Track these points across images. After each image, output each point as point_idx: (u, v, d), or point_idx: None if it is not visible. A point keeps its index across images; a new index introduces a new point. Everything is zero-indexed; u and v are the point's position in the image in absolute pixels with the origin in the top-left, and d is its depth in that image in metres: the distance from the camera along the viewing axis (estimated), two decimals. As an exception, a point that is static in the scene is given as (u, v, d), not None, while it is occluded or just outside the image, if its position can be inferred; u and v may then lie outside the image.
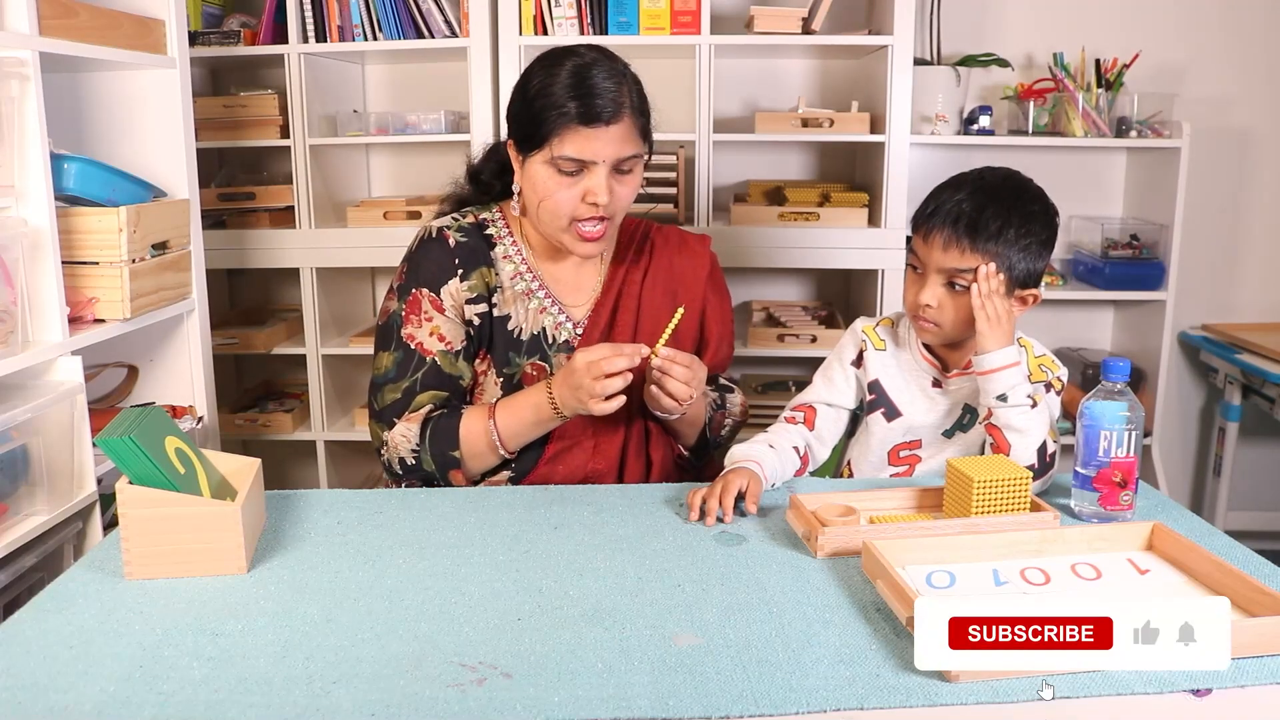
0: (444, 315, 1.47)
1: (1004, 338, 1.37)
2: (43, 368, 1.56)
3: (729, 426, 1.60)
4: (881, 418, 1.52)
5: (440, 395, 1.48)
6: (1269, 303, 2.92)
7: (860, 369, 1.54)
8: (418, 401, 1.47)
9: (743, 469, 1.36)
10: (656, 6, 2.39)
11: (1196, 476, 3.04)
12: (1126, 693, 0.89)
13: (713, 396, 1.57)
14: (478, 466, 1.47)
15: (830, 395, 1.54)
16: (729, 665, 0.93)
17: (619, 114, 1.38)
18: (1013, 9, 2.77)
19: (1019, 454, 1.36)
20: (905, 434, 1.51)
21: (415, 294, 1.48)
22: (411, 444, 1.44)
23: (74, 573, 1.15)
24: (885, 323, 1.55)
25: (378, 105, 2.81)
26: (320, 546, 1.22)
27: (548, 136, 1.38)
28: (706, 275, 1.58)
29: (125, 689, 0.90)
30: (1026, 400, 1.37)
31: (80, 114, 1.91)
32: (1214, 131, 2.79)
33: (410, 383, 1.47)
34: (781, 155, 2.82)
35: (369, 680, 0.91)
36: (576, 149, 1.37)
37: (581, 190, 1.39)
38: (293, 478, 2.88)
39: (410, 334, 1.47)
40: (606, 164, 1.39)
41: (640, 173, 1.46)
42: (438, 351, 1.47)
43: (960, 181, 1.43)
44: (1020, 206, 1.39)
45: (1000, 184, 1.42)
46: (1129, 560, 1.15)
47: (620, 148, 1.39)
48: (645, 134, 1.45)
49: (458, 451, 1.43)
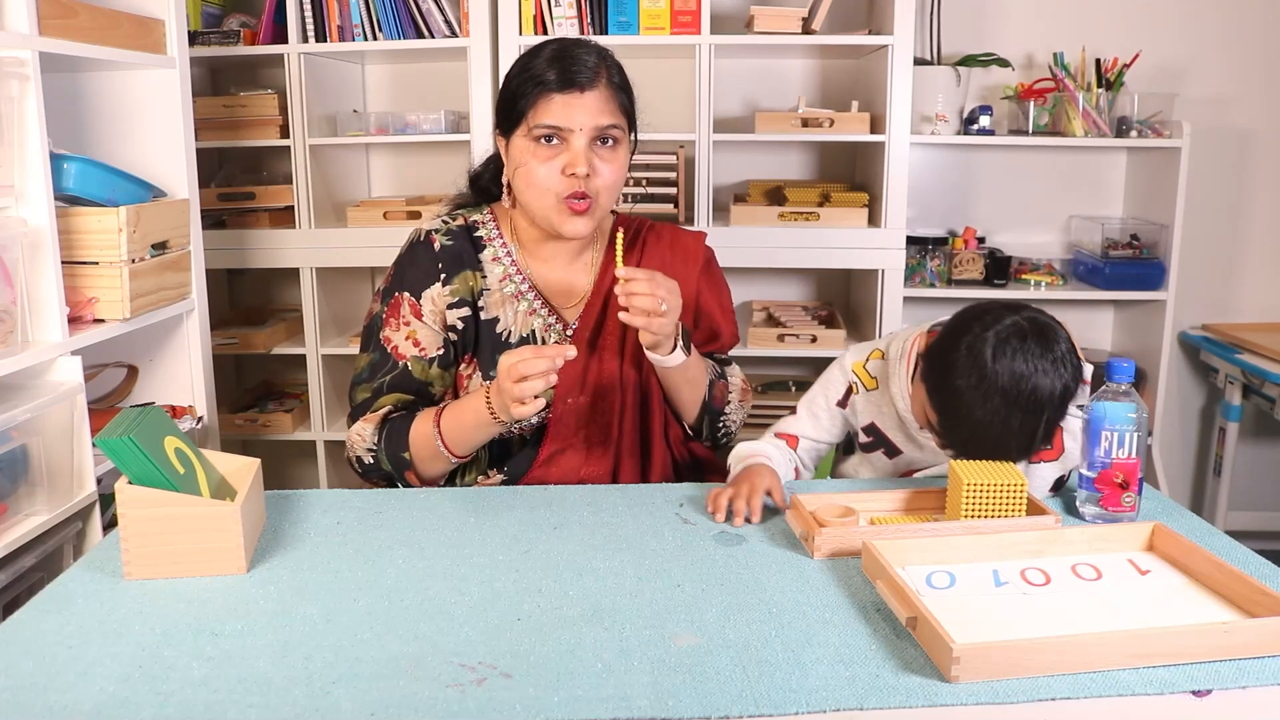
0: (422, 321, 1.48)
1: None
2: (43, 368, 1.56)
3: (733, 402, 1.58)
4: (883, 456, 1.50)
5: (404, 399, 1.48)
6: (1269, 303, 2.92)
7: (848, 410, 1.50)
8: (380, 402, 1.47)
9: (760, 465, 1.36)
10: (656, 6, 2.39)
11: (1196, 476, 3.04)
12: (1126, 693, 0.89)
13: (712, 364, 1.57)
14: (429, 470, 1.46)
15: (816, 433, 1.52)
16: (728, 665, 0.93)
17: (595, 81, 1.39)
18: (1013, 9, 2.77)
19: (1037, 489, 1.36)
20: (911, 464, 1.50)
21: (397, 297, 1.49)
22: (368, 443, 1.45)
23: (74, 573, 1.15)
24: (875, 355, 1.47)
25: (378, 105, 2.81)
26: (320, 546, 1.22)
27: (525, 109, 1.39)
28: (699, 270, 1.57)
29: (125, 689, 0.90)
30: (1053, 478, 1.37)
31: (80, 114, 1.91)
32: (1214, 131, 2.79)
33: (379, 384, 1.48)
34: (781, 155, 2.82)
35: (369, 680, 0.91)
36: (553, 116, 1.37)
37: (561, 163, 1.39)
38: (293, 478, 2.88)
39: (387, 337, 1.48)
40: (585, 133, 1.38)
41: (625, 157, 1.45)
42: (411, 357, 1.47)
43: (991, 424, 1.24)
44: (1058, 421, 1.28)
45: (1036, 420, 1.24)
46: (1129, 561, 1.15)
47: (597, 116, 1.39)
48: (627, 112, 1.44)
49: (408, 453, 1.43)
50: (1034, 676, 0.90)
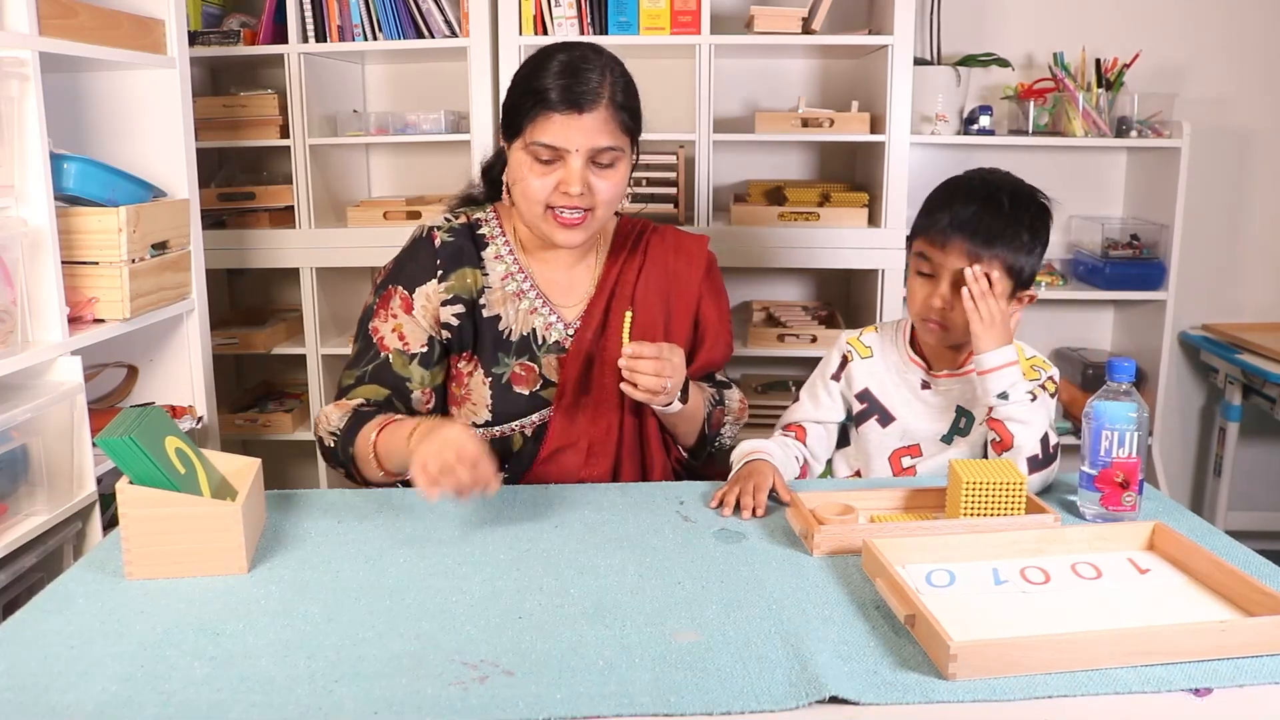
0: (410, 316, 1.48)
1: (1000, 338, 1.39)
2: (42, 368, 1.56)
3: (729, 424, 1.60)
4: (876, 425, 1.53)
5: (381, 392, 1.47)
6: (1269, 303, 2.92)
7: (842, 382, 1.56)
8: (356, 392, 1.47)
9: (761, 462, 1.38)
10: (656, 6, 2.39)
11: (1196, 476, 3.04)
12: (1125, 691, 0.89)
13: (711, 392, 1.57)
14: (367, 472, 1.42)
15: (818, 413, 1.57)
16: (729, 662, 0.94)
17: (596, 103, 1.37)
18: (1013, 9, 2.77)
19: (1023, 443, 1.37)
20: (902, 438, 1.52)
21: (390, 290, 1.49)
22: (331, 427, 1.44)
23: (74, 573, 1.15)
24: (870, 330, 1.57)
25: (378, 105, 2.81)
26: (321, 546, 1.22)
27: (525, 123, 1.39)
28: (702, 275, 1.57)
29: (127, 689, 0.90)
30: (1026, 395, 1.39)
31: (80, 114, 1.91)
32: (1214, 131, 2.79)
33: (362, 372, 1.48)
34: (781, 155, 2.82)
35: (371, 679, 0.91)
36: (550, 135, 1.37)
37: (556, 180, 1.39)
38: (293, 478, 2.88)
39: (375, 327, 1.49)
40: (581, 154, 1.38)
41: (624, 171, 1.44)
42: (394, 350, 1.48)
43: (969, 189, 1.44)
44: (1029, 212, 1.42)
45: (1007, 190, 1.43)
46: (1129, 560, 1.15)
47: (595, 138, 1.38)
48: (629, 131, 1.43)
49: (353, 449, 1.41)
50: (1032, 674, 0.90)
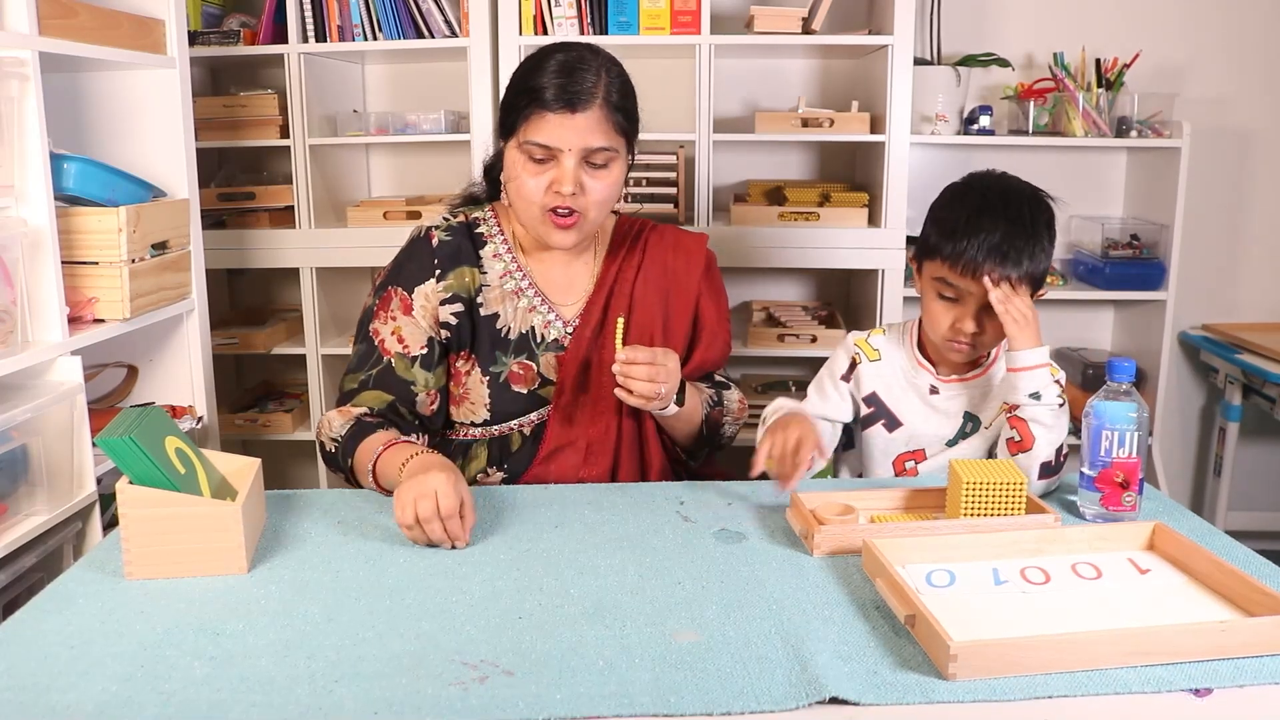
0: (410, 317, 1.48)
1: (1034, 337, 1.39)
2: (42, 368, 1.56)
3: (728, 424, 1.60)
4: (882, 429, 1.52)
5: (384, 398, 1.46)
6: (1269, 303, 2.92)
7: (851, 383, 1.55)
8: (360, 399, 1.47)
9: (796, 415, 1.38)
10: (656, 6, 2.39)
11: (1196, 476, 3.04)
12: (1125, 691, 0.89)
13: (709, 393, 1.57)
14: (362, 483, 1.40)
15: (825, 409, 1.56)
16: (729, 662, 0.93)
17: (589, 103, 1.37)
18: (1013, 9, 2.77)
19: (1041, 448, 1.37)
20: (908, 443, 1.52)
21: (389, 291, 1.49)
22: (334, 433, 1.43)
23: (74, 573, 1.15)
24: (878, 332, 1.57)
25: (378, 105, 2.81)
26: (321, 546, 1.22)
27: (519, 122, 1.39)
28: (701, 273, 1.57)
29: (127, 689, 0.90)
30: (1057, 399, 1.38)
31: (80, 114, 1.91)
32: (1214, 131, 2.79)
33: (366, 377, 1.48)
34: (781, 155, 2.82)
35: (371, 679, 0.91)
36: (543, 135, 1.37)
37: (549, 179, 1.39)
38: (293, 478, 2.88)
39: (375, 329, 1.49)
40: (574, 153, 1.38)
41: (618, 172, 1.44)
42: (395, 353, 1.47)
43: (989, 208, 1.42)
44: (1044, 218, 1.43)
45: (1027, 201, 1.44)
46: (1129, 560, 1.15)
47: (588, 138, 1.38)
48: (624, 132, 1.43)
49: (352, 459, 1.40)
50: (1032, 674, 0.90)
